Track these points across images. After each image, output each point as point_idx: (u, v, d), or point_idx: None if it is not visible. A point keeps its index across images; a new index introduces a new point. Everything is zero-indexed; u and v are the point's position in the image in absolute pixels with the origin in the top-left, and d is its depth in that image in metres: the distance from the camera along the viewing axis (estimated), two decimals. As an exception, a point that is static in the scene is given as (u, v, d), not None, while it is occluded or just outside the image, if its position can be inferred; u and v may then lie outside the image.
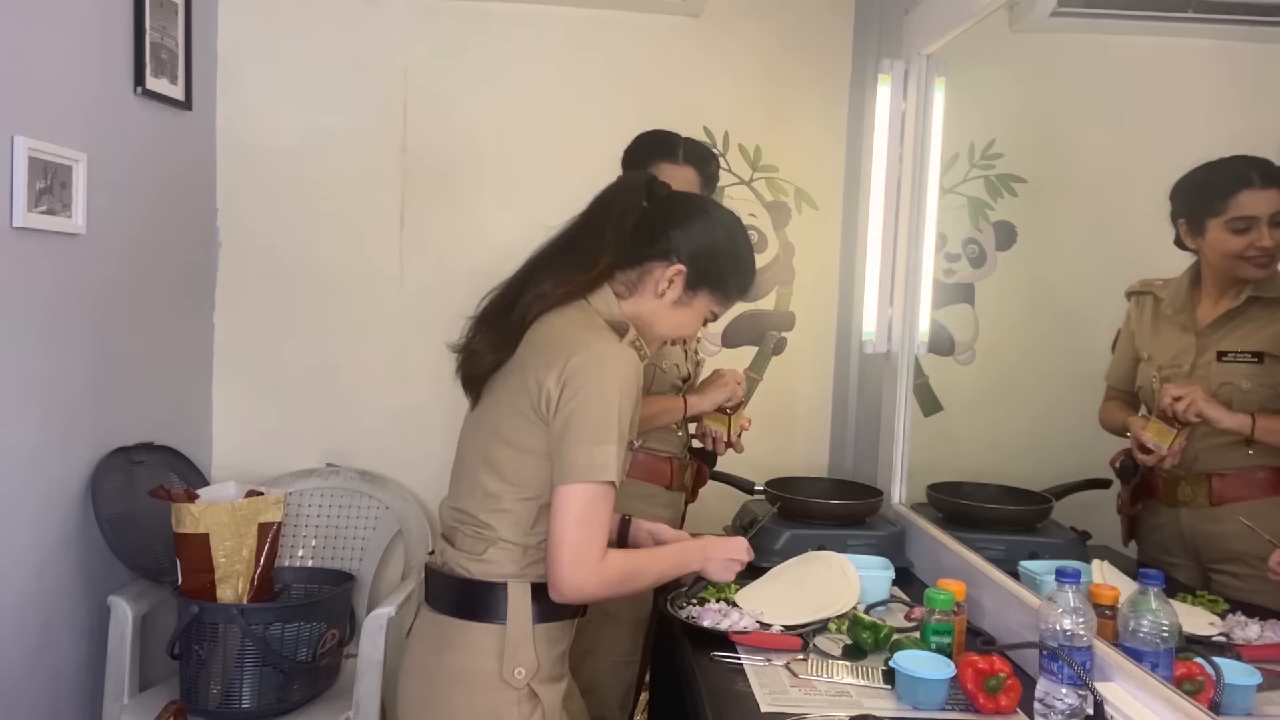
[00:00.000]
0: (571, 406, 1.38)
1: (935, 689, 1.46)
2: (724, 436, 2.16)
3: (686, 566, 1.62)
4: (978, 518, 2.09)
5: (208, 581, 2.18)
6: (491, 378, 1.52)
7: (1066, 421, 2.22)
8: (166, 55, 2.40)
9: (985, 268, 2.52)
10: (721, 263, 1.54)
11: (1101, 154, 2.19)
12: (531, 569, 1.45)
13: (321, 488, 2.71)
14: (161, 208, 2.45)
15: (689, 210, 1.56)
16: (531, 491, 1.44)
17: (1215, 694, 1.31)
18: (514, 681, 1.42)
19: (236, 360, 2.76)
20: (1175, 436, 1.67)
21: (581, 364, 1.39)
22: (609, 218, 1.50)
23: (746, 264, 1.59)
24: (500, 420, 1.47)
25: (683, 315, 1.56)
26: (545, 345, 1.44)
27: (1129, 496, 1.83)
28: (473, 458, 1.52)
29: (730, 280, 1.57)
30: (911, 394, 2.38)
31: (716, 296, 1.57)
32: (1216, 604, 1.58)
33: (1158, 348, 1.80)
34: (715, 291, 1.56)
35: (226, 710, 2.16)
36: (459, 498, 1.53)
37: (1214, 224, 1.68)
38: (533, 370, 1.42)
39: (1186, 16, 1.99)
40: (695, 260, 1.51)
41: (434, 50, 2.74)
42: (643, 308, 1.53)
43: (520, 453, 1.44)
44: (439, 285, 2.71)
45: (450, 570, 1.49)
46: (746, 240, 1.60)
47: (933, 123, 2.30)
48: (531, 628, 1.44)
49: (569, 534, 1.37)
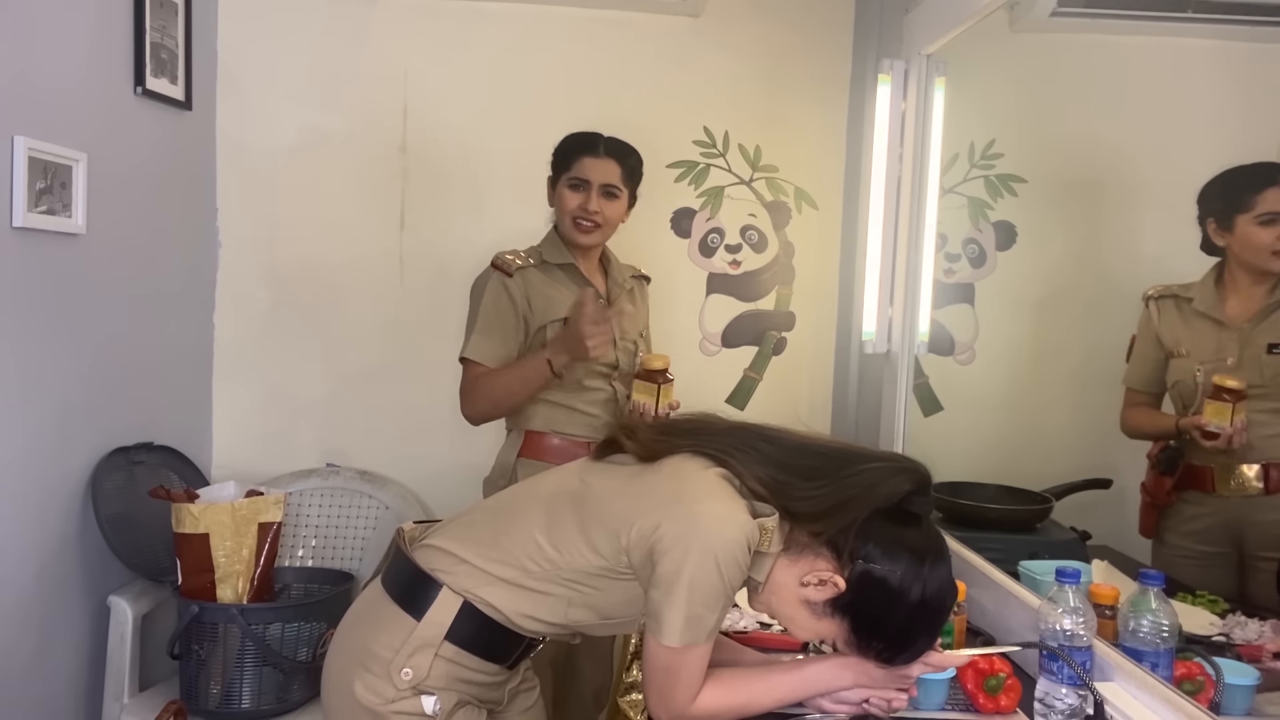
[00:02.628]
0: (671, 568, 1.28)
1: (935, 689, 1.46)
2: (650, 411, 2.08)
3: (817, 690, 1.40)
4: (978, 518, 2.09)
5: (208, 581, 2.18)
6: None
7: (1066, 421, 2.22)
8: (166, 55, 2.40)
9: (985, 268, 2.52)
10: (881, 615, 1.31)
11: (1101, 154, 2.20)
12: (485, 591, 1.36)
13: (321, 488, 2.71)
14: (161, 208, 2.45)
15: (904, 549, 1.31)
16: (566, 577, 1.36)
17: (1215, 694, 1.31)
18: (396, 680, 1.34)
19: (236, 360, 2.76)
20: (1234, 412, 1.70)
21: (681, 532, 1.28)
22: (862, 497, 1.31)
23: (900, 637, 1.32)
24: (599, 506, 1.37)
25: (798, 615, 1.34)
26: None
27: (1170, 487, 1.86)
28: (537, 502, 1.42)
29: (872, 641, 1.33)
30: (911, 394, 2.38)
31: (855, 641, 1.33)
32: (1216, 604, 1.59)
33: (1194, 344, 1.85)
34: (856, 636, 1.32)
35: (226, 710, 2.16)
36: (496, 522, 1.44)
37: (1242, 220, 1.76)
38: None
39: (1186, 16, 1.99)
40: (859, 591, 1.30)
41: (434, 50, 2.74)
42: (781, 574, 1.34)
43: (587, 547, 1.35)
44: (439, 285, 2.71)
45: (409, 552, 1.43)
46: (925, 619, 1.32)
47: (933, 123, 2.30)
48: (441, 640, 1.35)
49: (656, 679, 1.32)
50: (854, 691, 1.38)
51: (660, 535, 1.28)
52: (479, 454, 2.33)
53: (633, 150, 2.20)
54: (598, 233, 2.15)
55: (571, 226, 2.14)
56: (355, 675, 1.36)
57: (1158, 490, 1.87)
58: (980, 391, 2.54)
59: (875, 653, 1.33)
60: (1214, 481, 1.78)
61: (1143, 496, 1.91)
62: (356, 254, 2.77)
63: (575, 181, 2.13)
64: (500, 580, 1.36)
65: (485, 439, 2.30)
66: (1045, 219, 2.38)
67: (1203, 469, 1.79)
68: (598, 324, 1.96)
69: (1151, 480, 1.89)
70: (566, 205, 2.14)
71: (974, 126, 2.44)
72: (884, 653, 1.33)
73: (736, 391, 2.85)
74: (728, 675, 1.38)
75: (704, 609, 1.27)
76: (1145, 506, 1.91)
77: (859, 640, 1.32)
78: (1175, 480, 1.84)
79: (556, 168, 2.18)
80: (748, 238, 2.83)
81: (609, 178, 2.13)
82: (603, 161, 2.14)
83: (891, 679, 1.37)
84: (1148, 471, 1.90)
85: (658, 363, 2.11)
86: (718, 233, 2.82)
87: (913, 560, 1.29)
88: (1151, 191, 2.08)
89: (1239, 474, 1.75)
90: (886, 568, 1.28)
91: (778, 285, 2.86)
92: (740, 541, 1.27)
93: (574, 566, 1.35)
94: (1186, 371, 1.84)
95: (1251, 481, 1.74)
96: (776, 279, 2.86)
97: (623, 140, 2.19)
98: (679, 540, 1.27)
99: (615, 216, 2.17)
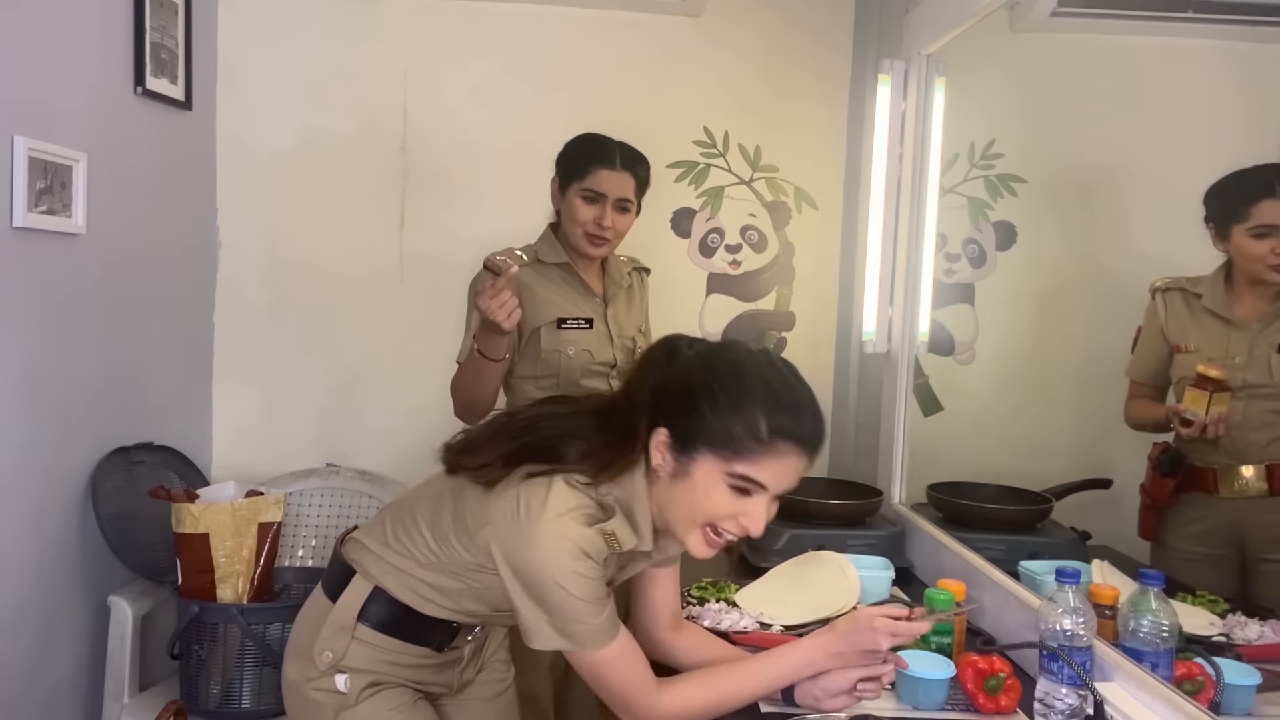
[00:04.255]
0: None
1: (935, 689, 1.46)
2: None
3: (790, 676, 1.38)
4: (978, 518, 2.09)
5: (208, 581, 2.18)
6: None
7: (1066, 421, 2.22)
8: (166, 55, 2.40)
9: (985, 268, 2.52)
10: (704, 410, 1.27)
11: (1101, 154, 2.20)
12: (388, 579, 1.41)
13: (321, 488, 2.71)
14: (161, 208, 2.45)
15: (680, 365, 1.33)
16: (451, 569, 1.39)
17: (1215, 694, 1.31)
18: (319, 661, 1.41)
19: (236, 360, 2.76)
20: (1211, 401, 1.70)
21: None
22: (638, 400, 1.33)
23: (737, 417, 1.26)
24: (466, 504, 1.38)
25: (692, 502, 1.30)
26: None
27: (1171, 489, 1.84)
28: (429, 495, 1.46)
29: (728, 441, 1.26)
30: (911, 394, 2.38)
31: (718, 456, 1.27)
32: (1216, 604, 1.59)
33: (1201, 340, 1.83)
34: (714, 451, 1.27)
35: (226, 710, 2.16)
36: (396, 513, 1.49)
37: (1238, 230, 1.73)
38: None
39: (1186, 16, 1.99)
40: (674, 413, 1.29)
41: (434, 50, 2.74)
42: (657, 511, 1.34)
43: (459, 543, 1.37)
44: (439, 285, 2.71)
45: (339, 546, 1.51)
46: (760, 365, 1.31)
47: (933, 123, 2.30)
48: (354, 623, 1.41)
49: (600, 690, 1.33)
50: (837, 678, 1.37)
51: (500, 555, 1.30)
52: (479, 454, 2.33)
53: (643, 158, 2.15)
54: (607, 246, 2.13)
55: (583, 239, 2.10)
56: (289, 659, 1.47)
57: (1159, 492, 1.86)
58: (980, 391, 2.54)
59: (739, 453, 1.26)
60: (1216, 483, 1.77)
61: (1142, 498, 1.90)
62: (356, 254, 2.77)
63: (590, 194, 2.08)
64: (398, 569, 1.42)
65: (485, 439, 2.30)
66: (1045, 219, 2.38)
67: (1205, 470, 1.78)
68: (495, 295, 1.89)
69: (1152, 482, 1.88)
70: (579, 216, 2.09)
71: (974, 126, 2.44)
72: (741, 444, 1.26)
73: (736, 391, 2.85)
74: (699, 673, 1.40)
75: (574, 622, 1.28)
76: (1145, 508, 1.89)
77: (718, 453, 1.26)
78: (1177, 482, 1.83)
79: (567, 173, 2.12)
80: (748, 238, 2.83)
81: (624, 192, 2.09)
82: (619, 175, 2.09)
83: (862, 653, 1.36)
84: (1148, 473, 1.89)
85: None
86: (718, 233, 2.82)
87: (695, 360, 1.32)
88: (1151, 191, 2.08)
89: (1241, 475, 1.75)
90: (678, 383, 1.30)
91: (778, 285, 2.86)
92: (574, 554, 1.27)
93: (454, 560, 1.38)
94: (1191, 368, 1.82)
95: (1254, 483, 1.73)
96: (776, 279, 2.86)
97: (633, 148, 2.14)
98: (517, 565, 1.29)
99: (625, 229, 2.14)
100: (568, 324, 2.11)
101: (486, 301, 1.88)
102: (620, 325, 2.17)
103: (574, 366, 2.09)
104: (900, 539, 2.20)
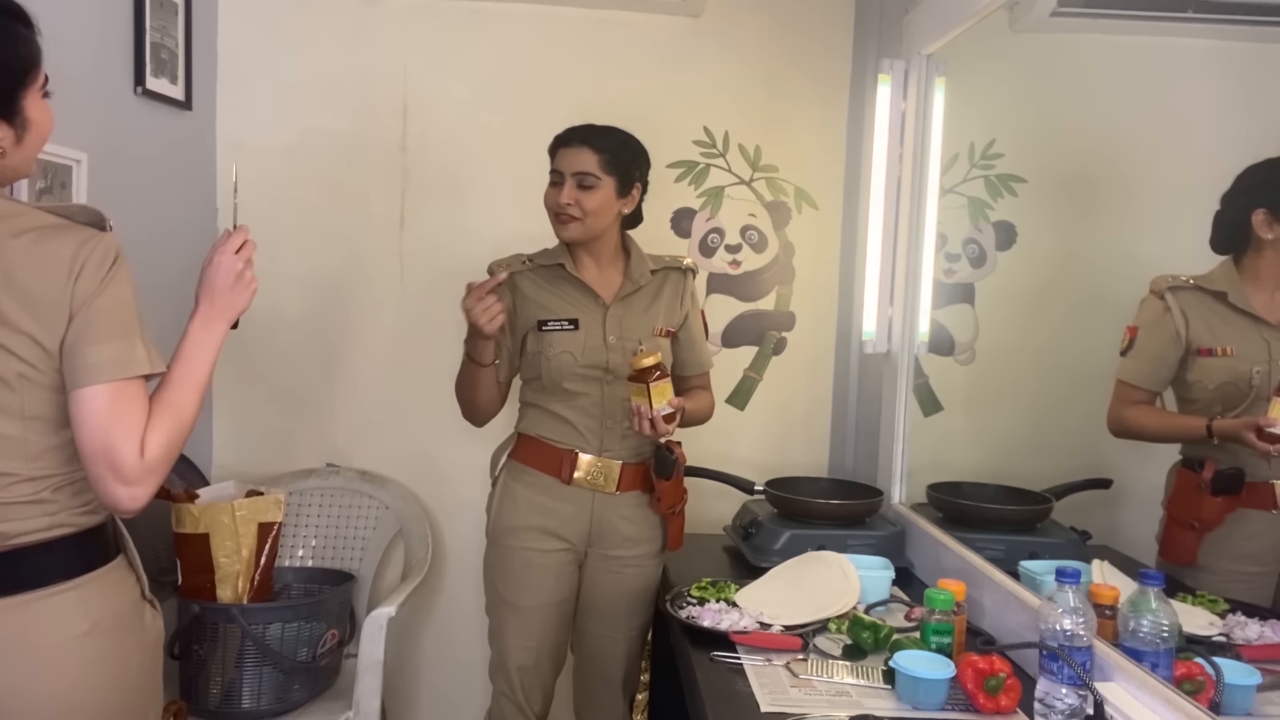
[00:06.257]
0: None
1: (935, 689, 1.46)
2: (646, 412, 1.95)
3: (193, 340, 1.58)
4: (978, 518, 2.09)
5: (208, 581, 2.18)
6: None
7: (1066, 421, 2.22)
8: (166, 55, 2.40)
9: (985, 268, 2.52)
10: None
11: (1101, 153, 2.19)
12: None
13: (321, 488, 2.71)
14: (161, 208, 2.45)
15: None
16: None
17: (1215, 694, 1.31)
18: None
19: (236, 360, 2.76)
20: None
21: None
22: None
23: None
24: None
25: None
26: None
27: (1221, 506, 1.71)
28: None
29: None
30: (911, 394, 2.38)
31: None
32: (1216, 604, 1.58)
33: (1238, 342, 1.73)
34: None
35: (226, 710, 2.16)
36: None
37: None
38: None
39: (1186, 16, 1.98)
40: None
41: (434, 50, 2.74)
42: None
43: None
44: (439, 285, 2.71)
45: None
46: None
47: (933, 123, 2.30)
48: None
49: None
50: (220, 278, 1.56)
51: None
52: (479, 454, 2.33)
53: (614, 134, 2.09)
54: (576, 226, 2.06)
55: (554, 224, 2.09)
56: None
57: (1211, 513, 1.71)
58: (980, 391, 2.54)
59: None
60: (1276, 499, 1.66)
61: (1173, 519, 1.77)
62: (356, 254, 2.77)
63: (553, 176, 2.09)
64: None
65: (485, 439, 2.30)
66: (1045, 219, 2.37)
67: (1262, 485, 1.66)
68: (479, 299, 1.92)
69: (1199, 502, 1.73)
70: (547, 202, 2.09)
71: (974, 126, 2.44)
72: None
73: (736, 391, 2.85)
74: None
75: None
76: (1182, 530, 1.74)
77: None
78: (1230, 501, 1.69)
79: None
80: (748, 238, 2.83)
81: (582, 165, 2.04)
82: (575, 150, 2.05)
83: (227, 272, 1.55)
84: (1178, 491, 1.77)
85: (647, 360, 1.95)
86: (718, 233, 2.82)
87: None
88: (1152, 191, 2.08)
89: None
90: None
91: (778, 285, 2.86)
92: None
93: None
94: (1233, 371, 1.71)
95: None
96: (776, 279, 2.86)
97: (604, 126, 2.11)
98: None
99: (595, 206, 2.05)
100: (548, 326, 2.10)
101: (469, 304, 1.92)
102: (625, 326, 2.12)
103: (555, 369, 2.08)
104: (900, 539, 2.20)
